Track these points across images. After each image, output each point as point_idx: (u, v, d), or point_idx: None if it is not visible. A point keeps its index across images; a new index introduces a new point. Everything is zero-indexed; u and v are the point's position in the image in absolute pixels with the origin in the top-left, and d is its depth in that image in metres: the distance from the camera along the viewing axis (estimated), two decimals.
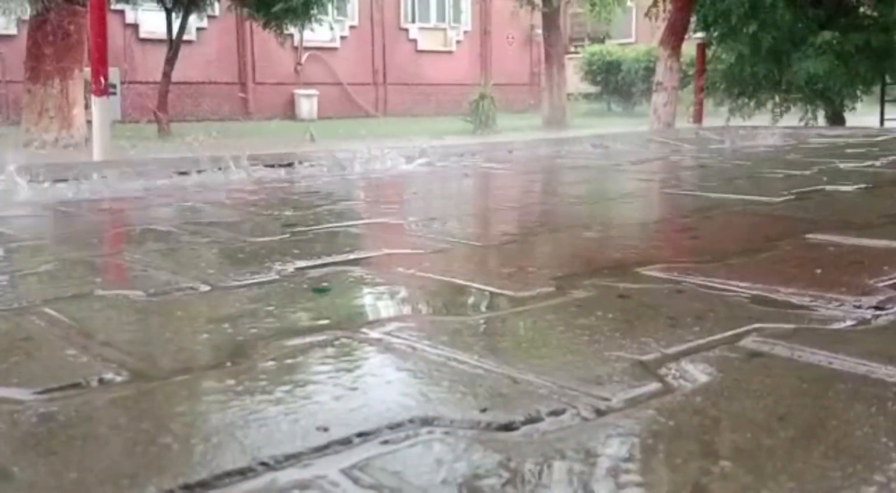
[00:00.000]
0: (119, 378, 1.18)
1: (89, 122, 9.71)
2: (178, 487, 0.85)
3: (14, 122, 10.24)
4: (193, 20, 11.55)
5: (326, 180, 4.34)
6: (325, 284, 1.78)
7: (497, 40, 16.03)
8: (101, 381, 1.17)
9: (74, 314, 1.51)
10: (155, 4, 11.28)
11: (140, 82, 11.82)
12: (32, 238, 2.59)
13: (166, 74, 11.22)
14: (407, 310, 1.61)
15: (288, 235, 2.39)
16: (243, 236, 2.41)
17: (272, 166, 4.75)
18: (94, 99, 6.18)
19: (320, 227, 2.59)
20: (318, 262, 2.00)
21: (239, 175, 4.53)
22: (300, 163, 5.13)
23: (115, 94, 10.93)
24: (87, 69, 9.80)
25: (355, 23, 14.70)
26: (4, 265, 2.06)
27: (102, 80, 6.15)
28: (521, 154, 6.28)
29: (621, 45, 15.42)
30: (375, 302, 1.67)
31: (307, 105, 13.68)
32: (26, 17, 11.14)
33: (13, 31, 12.25)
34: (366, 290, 1.76)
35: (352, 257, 2.09)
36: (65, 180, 4.02)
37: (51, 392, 1.12)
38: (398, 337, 1.36)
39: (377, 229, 2.60)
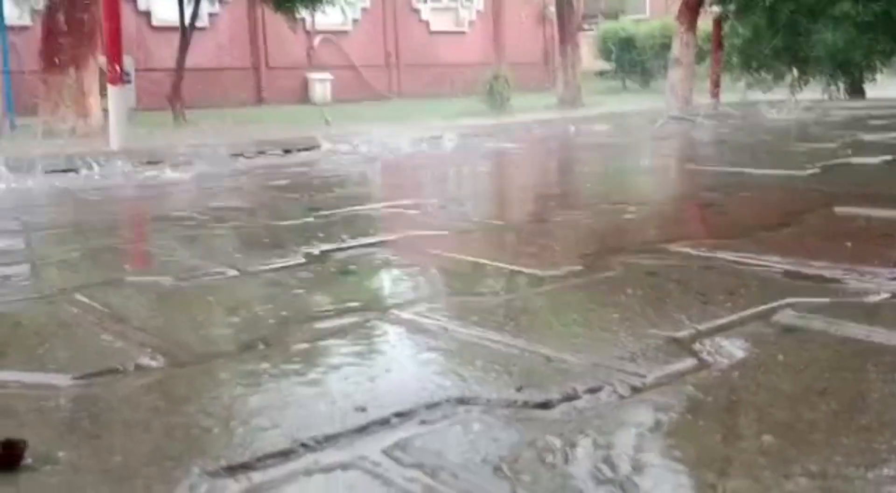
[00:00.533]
0: (155, 363, 1.18)
1: (105, 110, 9.75)
2: (221, 468, 0.85)
3: (31, 112, 10.27)
4: (206, 6, 11.52)
5: (344, 163, 4.34)
6: (352, 266, 1.78)
7: (510, 19, 15.92)
8: (137, 366, 1.17)
9: (106, 300, 1.52)
10: None
11: (154, 70, 11.83)
12: (58, 226, 2.61)
13: (179, 62, 11.21)
14: (435, 291, 1.60)
15: (312, 219, 2.39)
16: (267, 221, 2.41)
17: (289, 151, 4.75)
18: (109, 87, 6.19)
19: (342, 210, 2.58)
20: (344, 245, 2.00)
21: (256, 160, 4.54)
22: (316, 147, 5.14)
23: (129, 82, 10.93)
24: (102, 58, 9.82)
25: (367, 5, 14.64)
26: (34, 253, 2.08)
27: (117, 68, 6.15)
28: (538, 133, 6.24)
29: (635, 21, 15.27)
30: (402, 283, 1.67)
31: (321, 89, 13.66)
32: (39, 7, 11.13)
33: (27, 21, 12.26)
34: (392, 271, 1.76)
35: (376, 239, 2.09)
36: (75, 170, 4.05)
37: (89, 377, 1.13)
38: (428, 318, 1.36)
39: (399, 211, 2.59)
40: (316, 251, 1.90)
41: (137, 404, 1.04)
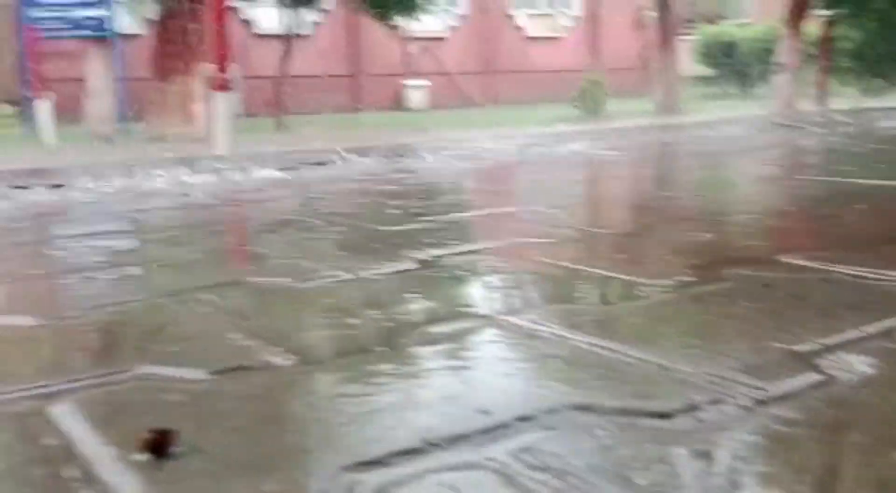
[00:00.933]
0: (282, 361, 1.24)
1: (209, 117, 10.10)
2: (354, 463, 0.89)
3: (139, 118, 10.72)
4: (307, 15, 11.81)
5: (443, 169, 4.39)
6: (460, 272, 1.81)
7: (606, 24, 15.74)
8: (266, 364, 1.23)
9: (230, 301, 1.60)
10: (269, 0, 11.58)
11: (256, 77, 12.19)
12: (173, 227, 2.73)
13: (282, 69, 11.53)
14: (544, 298, 1.62)
15: (418, 225, 2.44)
16: (375, 225, 2.47)
17: (389, 157, 4.83)
18: (215, 94, 6.41)
19: (446, 216, 2.63)
20: (451, 250, 2.03)
21: (356, 166, 4.64)
22: (416, 153, 5.21)
23: (234, 89, 11.25)
24: (208, 66, 10.19)
25: (464, 12, 14.73)
26: (156, 254, 2.19)
27: (224, 75, 6.37)
28: (635, 140, 6.16)
29: (738, 25, 14.88)
30: (512, 290, 1.68)
31: (417, 96, 13.81)
32: (151, 17, 11.60)
33: (138, 30, 12.80)
34: (500, 278, 1.78)
35: (482, 245, 2.12)
36: (198, 173, 4.22)
37: (223, 373, 1.19)
38: (540, 324, 1.37)
39: (502, 218, 2.61)
40: (426, 257, 1.94)
41: (270, 400, 1.10)
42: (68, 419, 1.03)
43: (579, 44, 15.26)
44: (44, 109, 9.05)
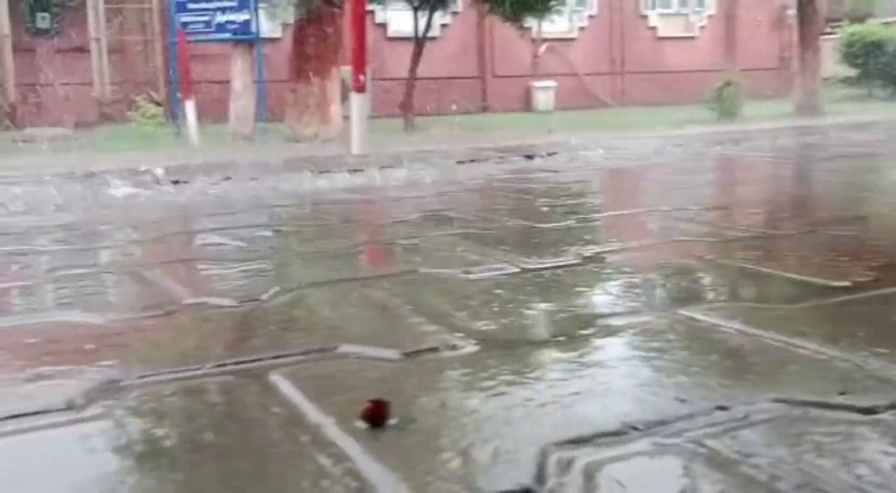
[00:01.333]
0: (468, 346, 1.29)
1: (344, 117, 10.41)
2: (562, 441, 0.93)
3: (277, 119, 11.16)
4: (438, 17, 11.99)
5: (581, 170, 4.39)
6: (625, 267, 1.82)
7: (743, 23, 15.23)
8: (452, 347, 1.29)
9: (408, 289, 1.67)
10: (403, 4, 11.83)
11: (387, 79, 12.47)
12: (333, 222, 2.86)
13: (412, 71, 11.75)
14: (719, 295, 1.61)
15: (570, 221, 2.46)
16: (527, 222, 2.51)
17: (523, 157, 4.86)
18: (353, 95, 6.59)
19: (598, 213, 2.64)
20: (610, 247, 2.05)
21: (492, 166, 4.69)
22: (549, 153, 5.22)
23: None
24: (343, 68, 10.50)
25: (594, 12, 14.60)
26: (324, 246, 2.29)
27: (361, 77, 6.54)
28: (775, 142, 5.96)
29: (885, 23, 14.11)
30: (685, 286, 1.68)
31: (544, 97, 13.79)
32: (290, 21, 12.04)
33: (277, 34, 13.30)
34: (671, 274, 1.78)
35: (642, 242, 2.12)
36: (339, 171, 4.37)
37: (414, 355, 1.25)
38: (722, 321, 1.37)
39: (654, 217, 2.60)
40: (587, 252, 1.96)
41: (463, 381, 1.14)
42: (286, 389, 1.11)
43: (714, 44, 14.85)
44: (190, 109, 9.56)
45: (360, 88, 6.47)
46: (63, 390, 1.12)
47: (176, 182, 3.91)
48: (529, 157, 4.98)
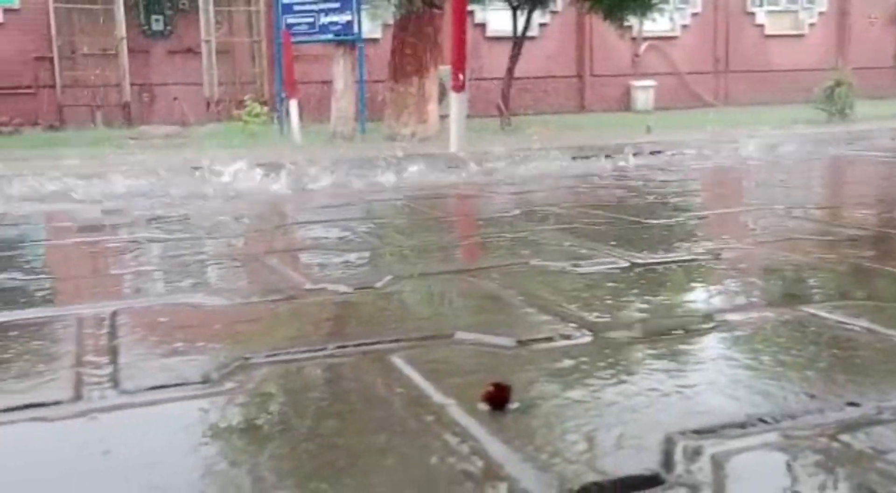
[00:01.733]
0: (581, 336, 1.29)
1: (441, 117, 10.50)
2: (688, 430, 0.92)
3: (376, 118, 11.33)
4: (536, 16, 11.96)
5: (684, 168, 4.31)
6: (743, 264, 1.79)
7: (856, 20, 14.61)
8: (566, 337, 1.29)
9: (517, 280, 1.68)
10: (502, 3, 11.84)
11: (485, 79, 12.51)
12: (440, 217, 2.90)
13: (510, 70, 11.74)
14: (843, 293, 1.56)
15: (679, 218, 2.43)
16: (634, 218, 2.48)
17: (624, 155, 4.80)
18: (452, 95, 6.63)
19: (707, 211, 2.59)
20: (723, 244, 2.01)
21: (592, 164, 4.64)
22: (650, 152, 5.14)
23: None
24: (441, 68, 10.59)
25: (697, 10, 14.26)
26: (437, 239, 2.33)
27: (461, 76, 6.56)
28: (890, 143, 5.70)
29: None
30: (807, 284, 1.64)
31: (643, 96, 13.56)
32: (391, 21, 12.19)
33: (378, 34, 13.50)
34: (789, 271, 1.74)
35: (757, 239, 2.07)
36: (440, 169, 4.41)
37: (529, 343, 1.26)
38: (848, 319, 1.33)
39: (766, 216, 2.53)
40: (700, 249, 1.93)
41: (581, 369, 1.15)
42: (407, 371, 1.14)
43: (824, 42, 14.31)
44: (293, 108, 9.82)
45: (460, 88, 6.50)
46: (199, 366, 1.18)
47: (281, 177, 4.03)
48: (631, 154, 4.91)
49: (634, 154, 5.07)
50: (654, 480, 0.82)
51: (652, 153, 5.06)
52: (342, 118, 10.95)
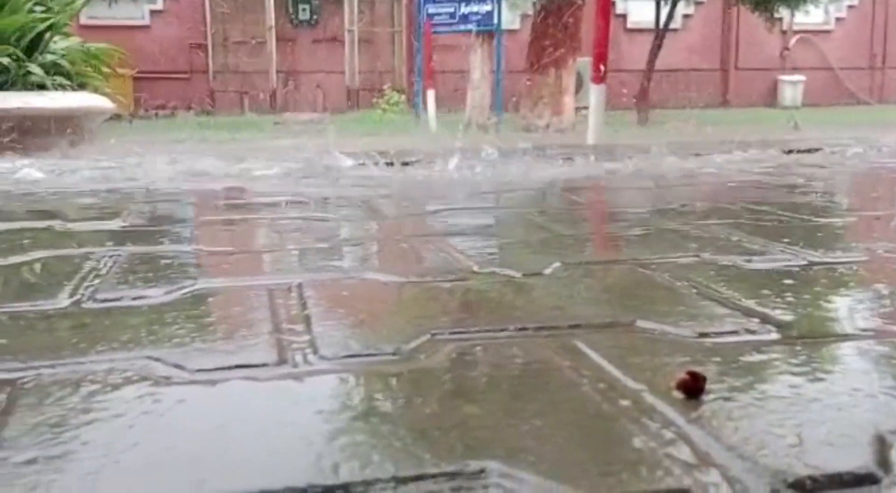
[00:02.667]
0: (768, 332, 1.26)
1: (576, 109, 10.39)
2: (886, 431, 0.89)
3: (512, 109, 11.34)
4: (681, 8, 11.65)
5: (845, 166, 4.11)
6: None
7: None
8: (751, 331, 1.27)
9: (688, 274, 1.66)
10: None
11: (624, 71, 12.30)
12: (605, 207, 2.89)
13: (650, 63, 11.50)
14: None
15: (855, 218, 2.33)
16: (805, 216, 2.40)
17: (785, 152, 4.63)
18: (591, 86, 6.55)
19: (886, 211, 2.46)
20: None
21: (744, 160, 4.49)
22: (805, 150, 4.93)
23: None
24: (579, 60, 10.47)
25: (854, 2, 13.52)
26: (606, 228, 2.33)
27: (602, 68, 6.46)
28: None
29: None
30: None
31: (790, 92, 12.98)
32: (530, 12, 12.15)
33: (516, 25, 13.48)
34: None
35: None
36: (577, 160, 4.37)
37: (712, 336, 1.25)
38: None
39: None
40: (880, 249, 1.85)
41: (771, 365, 1.13)
42: (592, 355, 1.15)
43: None
44: (430, 97, 9.96)
45: (600, 79, 6.41)
46: (387, 338, 1.23)
47: (422, 164, 4.11)
48: (785, 152, 4.73)
49: (787, 152, 4.88)
50: (869, 478, 0.80)
51: (806, 151, 4.85)
52: (477, 108, 11.02)
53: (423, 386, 1.04)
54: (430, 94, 9.80)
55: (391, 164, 4.15)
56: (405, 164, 4.16)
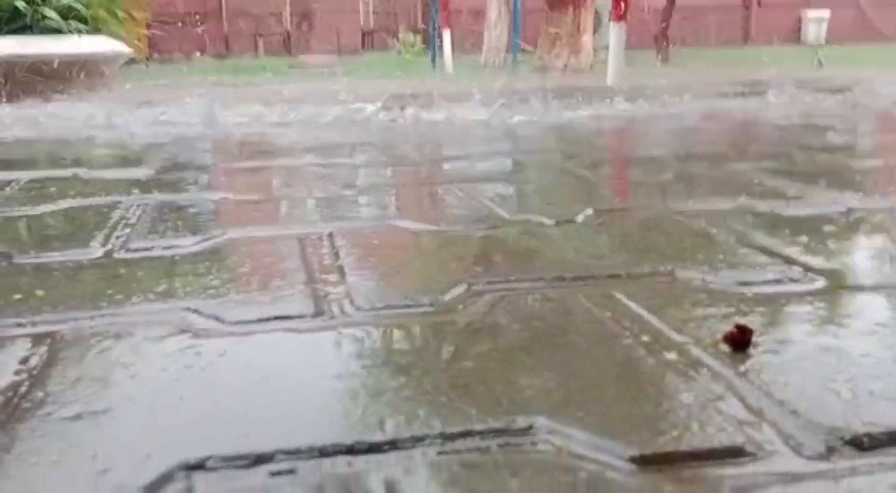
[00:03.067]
0: (814, 282, 1.23)
1: (594, 49, 10.18)
2: None
3: (529, 49, 11.14)
4: None
5: (880, 107, 4.01)
6: None
7: None
8: (795, 280, 1.24)
9: (727, 220, 1.62)
10: None
11: (644, 9, 12.01)
12: (630, 151, 2.84)
13: (671, 1, 11.22)
14: None
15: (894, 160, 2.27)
16: (843, 158, 2.35)
17: (817, 91, 4.52)
18: (612, 25, 6.38)
19: None
20: None
21: (768, 100, 4.40)
22: (835, 90, 4.81)
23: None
24: None
25: None
26: (635, 173, 2.29)
27: (622, 5, 6.30)
28: None
29: None
30: None
31: (815, 29, 12.68)
32: None
33: None
34: None
35: None
36: (596, 103, 4.29)
37: (753, 285, 1.22)
38: None
39: None
40: None
41: (820, 315, 1.10)
42: (633, 306, 1.13)
43: None
44: (446, 38, 9.79)
45: (620, 17, 6.25)
46: (423, 288, 1.21)
47: (440, 106, 4.04)
48: (814, 91, 4.62)
49: (815, 91, 4.76)
50: None
51: (837, 90, 4.73)
52: (494, 49, 10.83)
53: (463, 339, 1.03)
54: (446, 35, 9.63)
55: (409, 108, 4.09)
56: (423, 107, 4.09)
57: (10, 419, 0.82)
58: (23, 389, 0.89)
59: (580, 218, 1.65)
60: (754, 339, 0.99)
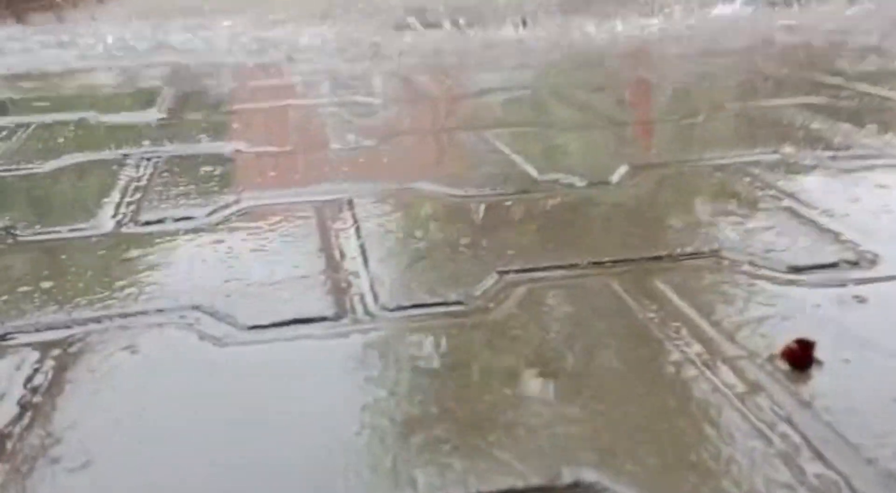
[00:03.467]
0: (869, 266, 1.14)
1: None
2: None
3: None
4: None
5: None
6: None
7: None
8: (851, 263, 1.15)
9: (777, 177, 1.52)
10: None
11: None
12: (660, 80, 2.67)
13: None
14: None
15: None
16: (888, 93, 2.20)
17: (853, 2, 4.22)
18: None
19: None
20: None
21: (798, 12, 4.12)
22: None
23: None
24: None
25: None
26: (677, 108, 2.15)
27: None
28: None
29: None
30: None
31: None
32: None
33: None
34: None
35: None
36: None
37: (808, 271, 1.13)
38: None
39: None
40: None
41: (889, 317, 1.02)
42: (681, 307, 1.04)
43: None
44: None
45: None
46: (451, 281, 1.13)
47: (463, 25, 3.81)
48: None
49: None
50: None
51: None
52: None
53: (496, 343, 0.95)
54: None
55: (436, 25, 3.83)
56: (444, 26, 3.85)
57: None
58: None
59: (615, 178, 1.55)
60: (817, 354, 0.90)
